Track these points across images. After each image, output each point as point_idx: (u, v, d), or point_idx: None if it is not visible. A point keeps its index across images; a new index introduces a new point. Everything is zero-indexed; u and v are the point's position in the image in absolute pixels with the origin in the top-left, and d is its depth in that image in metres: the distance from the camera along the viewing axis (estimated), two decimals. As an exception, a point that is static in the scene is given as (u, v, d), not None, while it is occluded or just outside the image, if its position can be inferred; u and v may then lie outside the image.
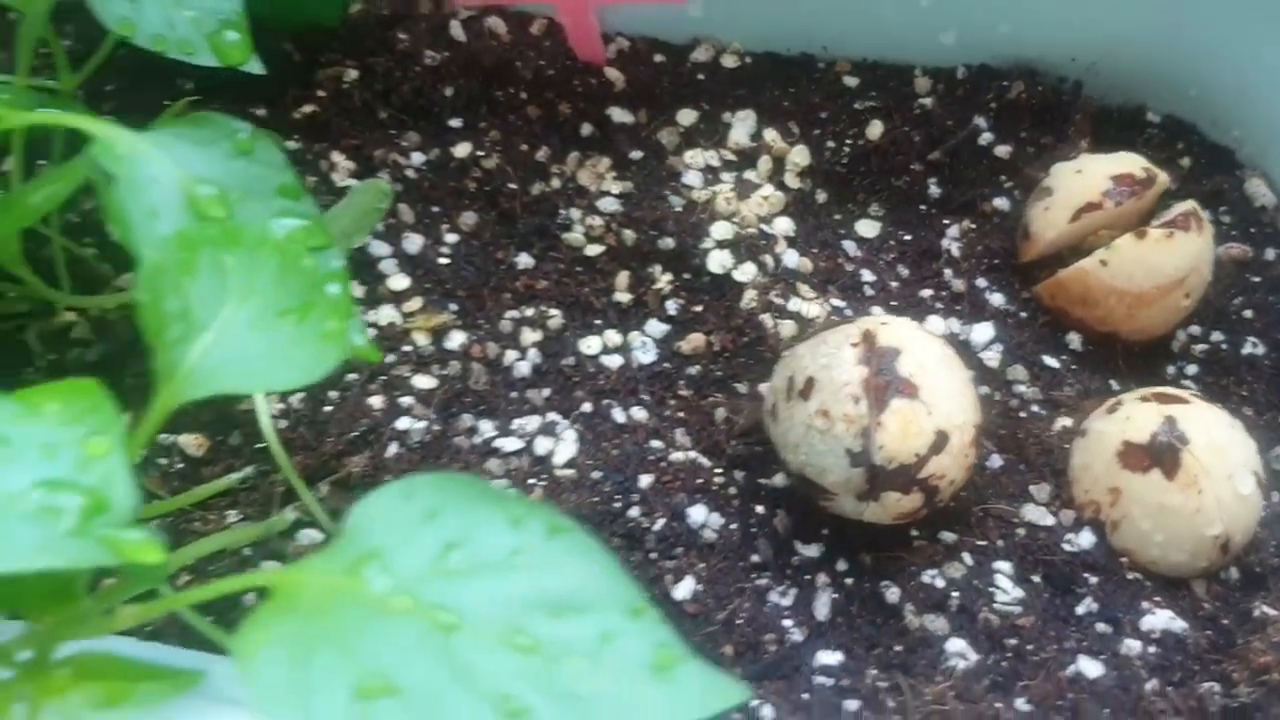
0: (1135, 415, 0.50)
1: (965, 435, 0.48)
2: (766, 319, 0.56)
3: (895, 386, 0.47)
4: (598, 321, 0.58)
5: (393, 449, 0.53)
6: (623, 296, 0.58)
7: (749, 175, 0.59)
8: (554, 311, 0.58)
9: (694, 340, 0.57)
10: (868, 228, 0.59)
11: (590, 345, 0.57)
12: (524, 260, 0.60)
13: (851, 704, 0.47)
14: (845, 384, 0.47)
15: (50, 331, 0.57)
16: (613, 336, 0.58)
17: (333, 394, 0.55)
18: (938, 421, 0.47)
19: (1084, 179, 0.55)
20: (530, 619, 0.29)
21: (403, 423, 0.54)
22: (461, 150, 0.61)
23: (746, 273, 0.57)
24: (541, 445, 0.54)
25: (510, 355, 0.57)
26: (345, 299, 0.38)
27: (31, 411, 0.33)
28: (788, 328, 0.55)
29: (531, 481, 0.53)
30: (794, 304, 0.56)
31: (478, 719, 0.28)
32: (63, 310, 0.58)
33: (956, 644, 0.48)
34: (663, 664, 0.29)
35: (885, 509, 0.48)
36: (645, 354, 0.57)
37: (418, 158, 0.61)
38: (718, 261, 0.57)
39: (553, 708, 0.28)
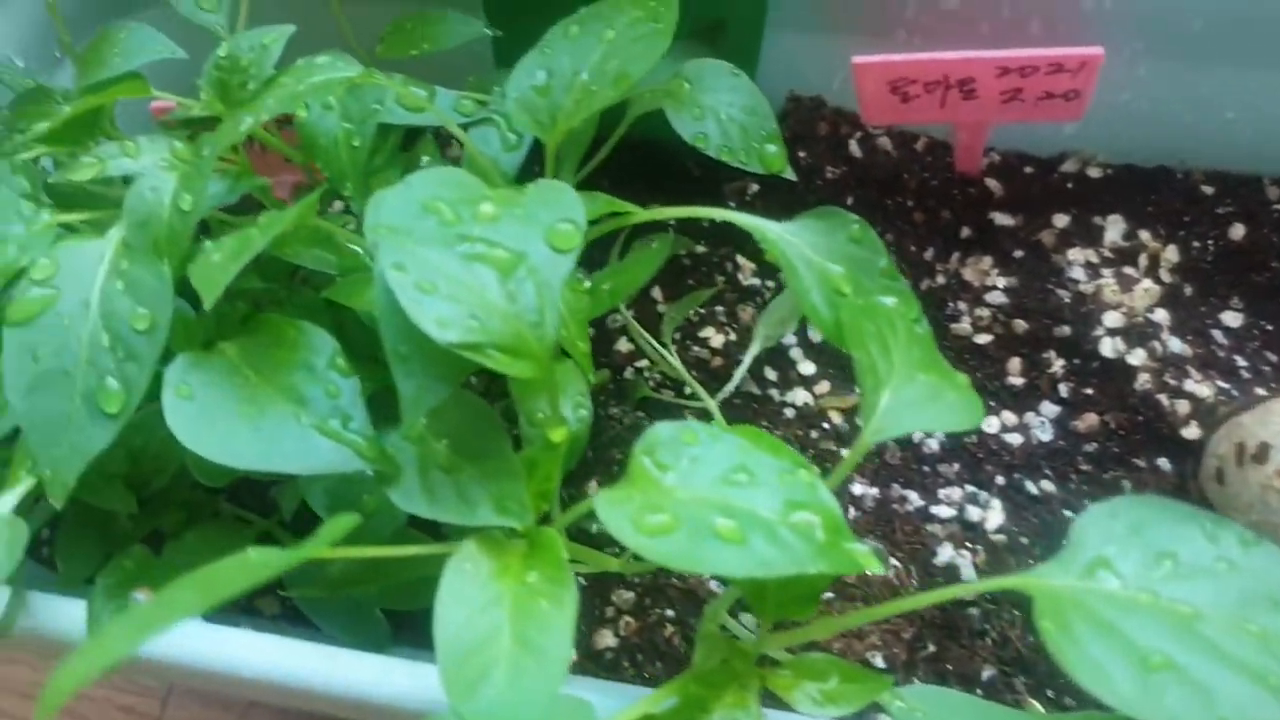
0: None
1: (1396, 495, 0.54)
2: (1163, 399, 0.62)
3: (1346, 450, 0.53)
4: (992, 403, 0.65)
5: (851, 512, 0.59)
6: (1015, 380, 0.65)
7: (1127, 270, 0.66)
8: (950, 394, 0.65)
9: (1088, 420, 0.63)
10: (1232, 318, 0.66)
11: (990, 424, 0.64)
12: (915, 349, 0.67)
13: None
14: (1303, 448, 0.53)
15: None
16: (1009, 417, 0.64)
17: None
18: (1381, 481, 0.53)
19: None
20: (1251, 611, 0.35)
21: (856, 489, 0.60)
22: (860, 252, 0.68)
23: (1138, 357, 0.63)
24: (972, 513, 0.60)
25: (917, 434, 0.64)
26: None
27: (753, 447, 0.40)
28: (1183, 406, 0.62)
29: (969, 545, 0.59)
30: (1187, 385, 0.62)
31: (1243, 687, 0.33)
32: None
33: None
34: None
35: (1331, 562, 0.53)
36: (1043, 433, 0.63)
37: (818, 259, 0.69)
38: (1110, 347, 0.63)
39: (1297, 682, 0.34)
